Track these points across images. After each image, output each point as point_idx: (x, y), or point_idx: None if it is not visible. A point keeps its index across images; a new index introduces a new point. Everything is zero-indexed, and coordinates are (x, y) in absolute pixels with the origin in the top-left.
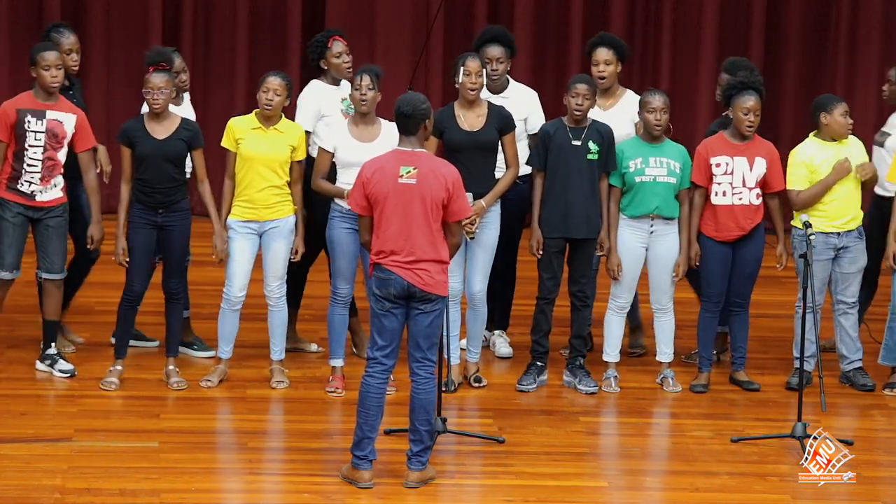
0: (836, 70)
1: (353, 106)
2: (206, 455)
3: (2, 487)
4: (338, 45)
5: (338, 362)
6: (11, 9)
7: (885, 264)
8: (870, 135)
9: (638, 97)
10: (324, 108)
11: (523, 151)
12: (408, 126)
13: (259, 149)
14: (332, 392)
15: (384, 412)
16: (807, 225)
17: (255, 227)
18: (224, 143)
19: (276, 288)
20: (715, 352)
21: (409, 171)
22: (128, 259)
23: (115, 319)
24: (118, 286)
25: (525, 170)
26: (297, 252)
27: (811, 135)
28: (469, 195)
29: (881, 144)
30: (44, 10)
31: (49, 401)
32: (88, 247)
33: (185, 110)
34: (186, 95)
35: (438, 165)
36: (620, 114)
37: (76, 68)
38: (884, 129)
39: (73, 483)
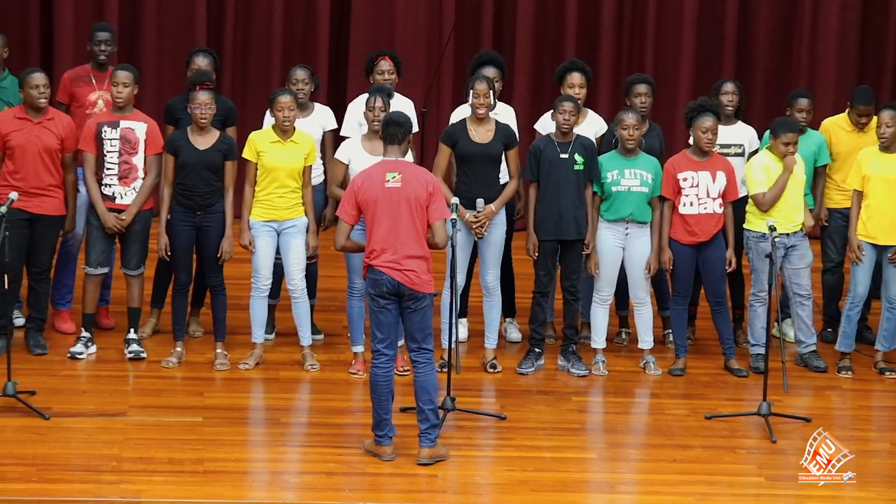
0: (800, 73)
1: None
2: (243, 429)
3: (67, 455)
4: (383, 64)
5: (358, 348)
6: (77, 25)
7: (851, 257)
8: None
9: (598, 118)
10: (362, 119)
11: None
12: (397, 135)
13: (279, 159)
14: (354, 374)
15: (395, 393)
16: (772, 228)
17: (274, 225)
18: (245, 155)
19: (298, 281)
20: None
21: (394, 177)
22: (169, 253)
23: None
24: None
25: None
26: (312, 248)
27: (765, 148)
28: (480, 201)
29: (742, 154)
30: (105, 16)
31: (107, 381)
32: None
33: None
34: (316, 105)
35: (419, 171)
36: (586, 131)
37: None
38: (727, 142)
39: (128, 452)
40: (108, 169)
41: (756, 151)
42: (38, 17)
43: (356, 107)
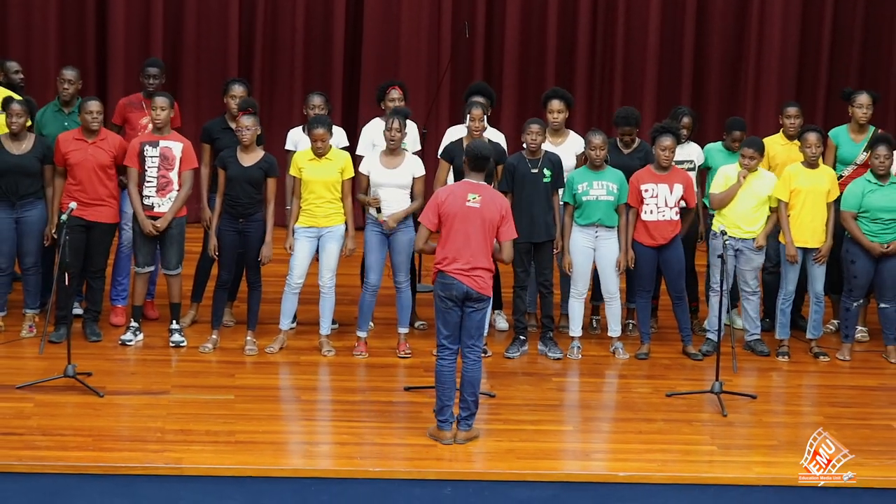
0: (746, 97)
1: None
2: (269, 405)
3: (118, 427)
4: (393, 93)
5: (363, 333)
6: (127, 56)
7: (788, 259)
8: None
9: (579, 136)
10: (375, 139)
11: None
12: (480, 165)
13: (317, 174)
14: (358, 355)
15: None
16: (723, 233)
17: (314, 231)
18: (291, 172)
19: (328, 279)
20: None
21: (474, 198)
22: (217, 253)
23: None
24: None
25: None
26: (349, 250)
27: (738, 162)
28: None
29: (693, 169)
30: (151, 51)
31: (152, 364)
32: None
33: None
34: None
35: (496, 195)
36: (567, 149)
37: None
38: (681, 158)
39: (170, 425)
40: (147, 182)
41: (703, 164)
42: (94, 51)
43: (369, 129)
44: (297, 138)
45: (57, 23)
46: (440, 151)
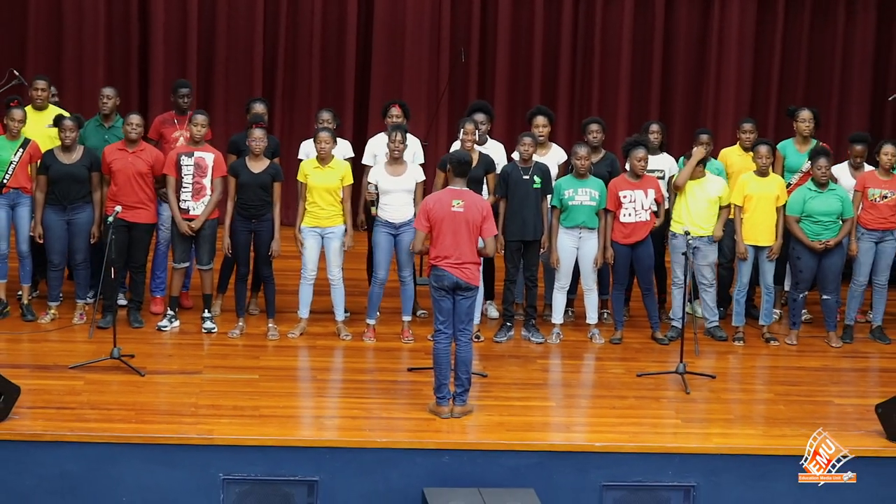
0: (707, 113)
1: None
2: (290, 384)
3: (158, 402)
4: (393, 110)
5: (371, 321)
6: (166, 77)
7: (739, 256)
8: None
9: (560, 149)
10: (377, 152)
11: None
12: (462, 171)
13: (320, 180)
14: (367, 339)
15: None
16: (686, 233)
17: (318, 230)
18: (298, 178)
19: (336, 273)
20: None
21: (459, 203)
22: (231, 251)
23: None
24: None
25: None
26: (348, 246)
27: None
28: None
29: (663, 178)
30: (186, 73)
31: (187, 347)
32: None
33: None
34: (338, 139)
35: (478, 199)
36: (551, 159)
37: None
38: (652, 167)
39: (203, 401)
40: (184, 188)
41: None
42: (137, 73)
43: (374, 142)
44: (308, 149)
45: (105, 51)
46: (438, 163)
